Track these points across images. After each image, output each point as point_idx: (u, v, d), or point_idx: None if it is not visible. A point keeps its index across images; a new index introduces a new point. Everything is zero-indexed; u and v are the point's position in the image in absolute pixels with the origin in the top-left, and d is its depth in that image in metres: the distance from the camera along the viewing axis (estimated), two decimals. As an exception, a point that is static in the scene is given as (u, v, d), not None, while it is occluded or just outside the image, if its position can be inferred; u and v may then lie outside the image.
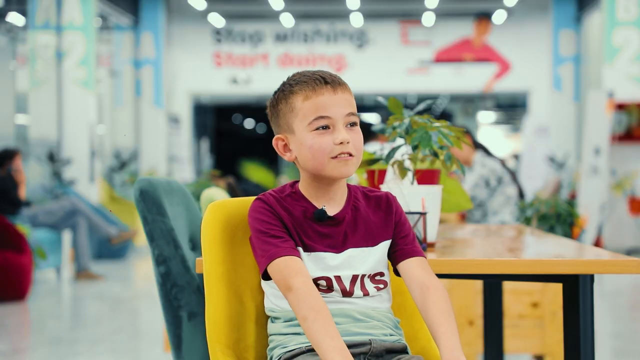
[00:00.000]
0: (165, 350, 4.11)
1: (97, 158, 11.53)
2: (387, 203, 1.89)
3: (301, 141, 1.79)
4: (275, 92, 1.85)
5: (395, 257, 1.86)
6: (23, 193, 8.12)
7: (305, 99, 1.79)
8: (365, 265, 1.83)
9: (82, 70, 11.38)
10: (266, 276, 1.81)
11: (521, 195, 5.74)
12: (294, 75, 1.84)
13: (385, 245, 1.86)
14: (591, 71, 13.05)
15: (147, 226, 2.34)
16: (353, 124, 1.81)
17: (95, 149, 11.46)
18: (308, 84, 1.80)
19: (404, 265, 1.84)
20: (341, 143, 1.77)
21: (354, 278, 1.82)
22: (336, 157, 1.78)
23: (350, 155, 1.79)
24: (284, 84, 1.85)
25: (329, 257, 1.82)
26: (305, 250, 1.81)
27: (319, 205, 1.84)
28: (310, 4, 14.93)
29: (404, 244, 1.86)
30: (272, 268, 1.76)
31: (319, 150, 1.78)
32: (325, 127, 1.78)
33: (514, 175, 5.72)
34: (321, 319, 1.68)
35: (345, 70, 14.69)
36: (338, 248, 1.83)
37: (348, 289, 1.81)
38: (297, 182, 1.88)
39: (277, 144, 1.85)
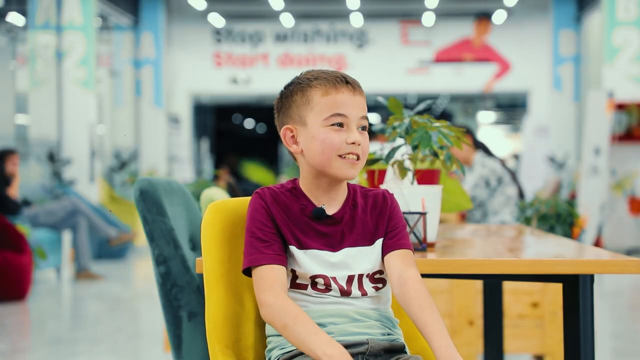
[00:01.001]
0: (165, 350, 4.11)
1: (97, 158, 11.53)
2: (384, 200, 1.89)
3: (313, 134, 1.80)
4: (289, 85, 1.86)
5: (382, 251, 1.86)
6: (13, 192, 8.02)
7: (324, 94, 1.80)
8: (362, 265, 1.83)
9: (82, 70, 11.38)
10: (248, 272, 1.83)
11: (521, 195, 5.74)
12: (310, 72, 1.85)
13: (379, 243, 1.86)
14: (591, 71, 13.05)
15: (147, 226, 2.34)
16: (364, 128, 1.83)
17: (95, 149, 11.46)
18: (328, 80, 1.81)
19: (387, 259, 1.84)
20: (352, 143, 1.79)
21: (350, 278, 1.82)
22: (344, 156, 1.79)
23: (358, 158, 1.80)
24: (300, 78, 1.85)
25: (325, 255, 1.82)
26: (300, 247, 1.81)
27: (318, 203, 1.84)
28: (310, 4, 14.94)
29: (390, 237, 1.86)
30: (252, 274, 1.80)
31: (330, 146, 1.78)
32: (340, 125, 1.80)
33: (514, 175, 5.72)
34: (301, 322, 1.69)
35: (345, 70, 14.69)
36: (335, 247, 1.83)
37: (346, 289, 1.81)
38: (298, 179, 1.88)
39: (285, 134, 1.85)
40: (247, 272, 1.82)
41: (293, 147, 1.85)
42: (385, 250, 1.85)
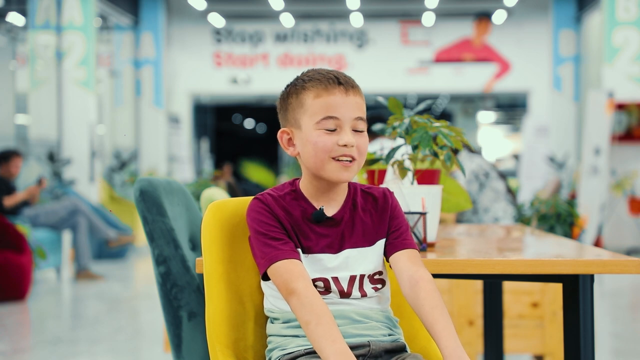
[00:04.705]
0: (165, 350, 4.11)
1: (97, 158, 11.52)
2: (384, 199, 1.88)
3: (306, 137, 1.79)
4: (288, 86, 1.85)
5: (386, 251, 1.86)
6: (10, 202, 7.94)
7: (316, 97, 1.79)
8: (363, 265, 1.83)
9: (82, 70, 11.38)
10: (266, 277, 1.81)
11: (509, 191, 5.73)
12: (308, 72, 1.84)
13: (381, 243, 1.86)
14: (591, 71, 13.05)
15: (147, 226, 2.34)
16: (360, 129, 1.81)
17: (95, 149, 11.46)
18: (321, 82, 1.79)
19: (393, 259, 1.83)
20: (345, 145, 1.77)
21: (352, 279, 1.82)
22: (337, 159, 1.78)
23: (352, 159, 1.78)
24: (297, 78, 1.84)
25: (326, 259, 1.81)
26: (303, 252, 1.81)
27: (318, 205, 1.83)
28: (310, 4, 14.93)
29: (394, 237, 1.85)
30: (273, 271, 1.75)
31: (322, 149, 1.77)
32: (333, 127, 1.78)
33: (499, 172, 5.72)
34: (323, 323, 1.67)
35: (345, 70, 14.68)
36: (335, 249, 1.82)
37: (346, 290, 1.81)
38: (298, 179, 1.88)
39: (281, 137, 1.85)
40: (265, 276, 1.80)
41: (290, 150, 1.84)
42: (390, 251, 1.84)
